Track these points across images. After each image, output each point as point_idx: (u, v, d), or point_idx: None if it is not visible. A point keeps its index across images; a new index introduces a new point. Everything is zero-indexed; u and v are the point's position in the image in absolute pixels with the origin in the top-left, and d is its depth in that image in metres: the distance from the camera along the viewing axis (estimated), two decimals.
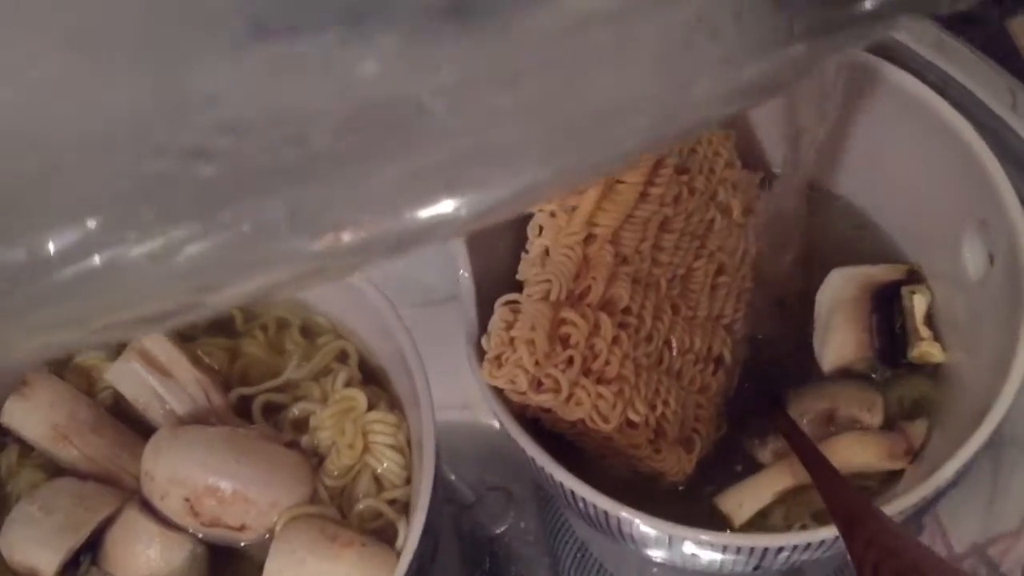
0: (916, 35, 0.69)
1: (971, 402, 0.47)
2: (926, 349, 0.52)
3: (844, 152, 0.56)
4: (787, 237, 0.53)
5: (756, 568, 0.48)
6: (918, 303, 0.53)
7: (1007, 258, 0.46)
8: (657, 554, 0.50)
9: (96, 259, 0.23)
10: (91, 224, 0.23)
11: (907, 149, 0.52)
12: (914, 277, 0.54)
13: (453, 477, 0.65)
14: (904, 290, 0.53)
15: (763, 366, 0.56)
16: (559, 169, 0.25)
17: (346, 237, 0.25)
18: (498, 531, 0.62)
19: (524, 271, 0.48)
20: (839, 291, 0.54)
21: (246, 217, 0.24)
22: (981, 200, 0.48)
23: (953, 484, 0.44)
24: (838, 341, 0.53)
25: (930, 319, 0.53)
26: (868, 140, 0.54)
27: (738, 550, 0.44)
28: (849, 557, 0.41)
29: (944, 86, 0.67)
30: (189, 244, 0.24)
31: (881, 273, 0.54)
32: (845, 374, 0.53)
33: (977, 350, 0.50)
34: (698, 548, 0.46)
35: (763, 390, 0.55)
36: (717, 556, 0.47)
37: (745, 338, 0.55)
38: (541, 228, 0.48)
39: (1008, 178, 0.64)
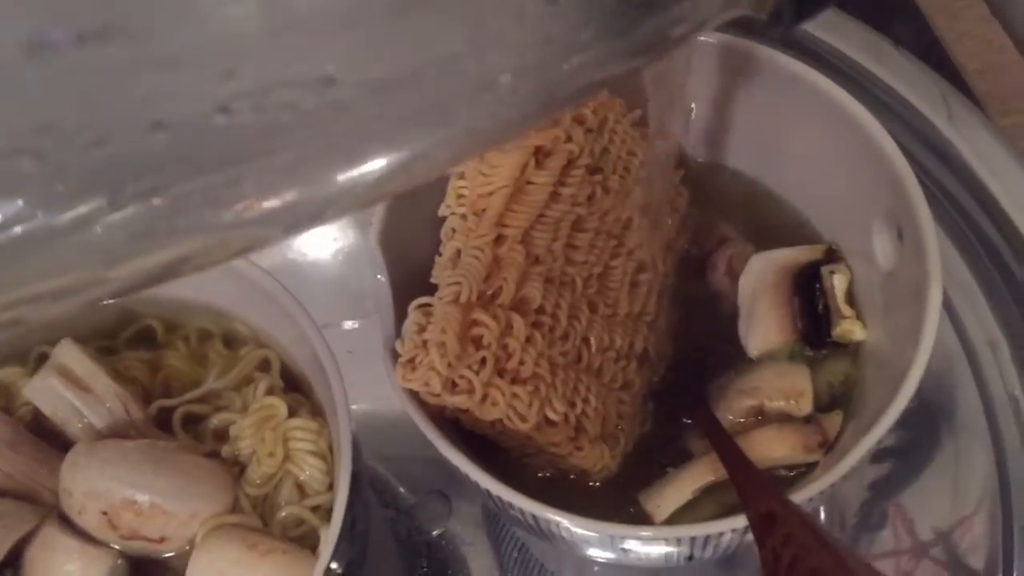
0: (853, 42, 0.71)
1: (885, 388, 0.47)
2: (848, 327, 0.52)
3: (761, 138, 0.56)
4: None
5: (689, 559, 0.48)
6: (839, 282, 0.53)
7: (912, 249, 0.47)
8: (587, 551, 0.50)
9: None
10: None
11: (818, 139, 0.53)
12: (832, 256, 0.54)
13: (395, 481, 0.65)
14: (824, 270, 0.53)
15: (691, 357, 0.56)
16: (445, 137, 0.25)
17: (256, 207, 0.25)
18: (435, 533, 0.62)
19: (437, 274, 0.48)
20: (760, 277, 0.54)
21: (154, 190, 0.23)
22: (887, 190, 0.49)
23: (856, 472, 0.44)
24: (763, 328, 0.53)
25: (851, 297, 0.53)
26: (781, 128, 0.55)
27: (655, 542, 0.44)
28: (758, 551, 0.41)
29: (880, 91, 0.69)
30: (94, 217, 0.23)
31: (800, 255, 0.54)
32: (773, 357, 0.54)
33: (890, 334, 0.50)
34: (621, 543, 0.46)
35: (690, 383, 0.55)
36: (644, 549, 0.47)
37: (669, 332, 0.56)
38: (453, 231, 0.48)
39: (938, 178, 0.66)
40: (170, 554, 0.49)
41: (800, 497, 0.42)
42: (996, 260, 0.64)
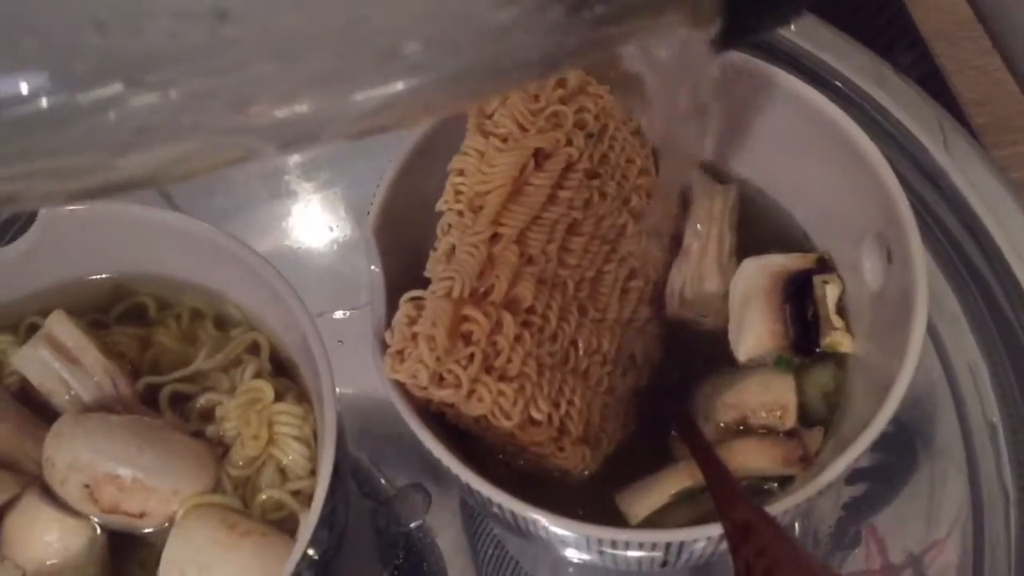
0: (855, 65, 0.72)
1: (867, 405, 0.48)
2: (837, 339, 0.52)
3: (764, 149, 0.57)
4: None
5: (663, 564, 0.49)
6: (830, 292, 0.53)
7: (900, 272, 0.48)
8: (563, 551, 0.50)
9: (13, 109, 0.24)
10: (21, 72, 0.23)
11: (817, 156, 0.53)
12: (824, 266, 0.55)
13: (375, 472, 0.65)
14: (816, 279, 0.54)
15: (678, 362, 0.56)
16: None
17: (269, 114, 0.25)
18: (413, 525, 0.62)
19: (431, 268, 0.49)
20: (752, 281, 0.54)
21: (172, 82, 0.24)
22: (881, 213, 0.50)
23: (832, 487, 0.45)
24: (753, 332, 0.54)
25: (841, 308, 0.54)
26: (784, 142, 0.55)
27: (629, 545, 0.45)
28: (732, 561, 0.41)
29: (879, 114, 0.70)
30: (111, 103, 0.24)
31: (792, 262, 0.55)
32: (759, 364, 0.54)
33: (876, 351, 0.51)
34: (596, 545, 0.46)
35: (676, 388, 0.55)
36: (619, 552, 0.47)
37: (657, 337, 0.56)
38: (449, 226, 0.49)
39: (930, 204, 0.67)
40: (149, 530, 0.49)
41: (777, 509, 0.43)
42: (981, 287, 0.65)
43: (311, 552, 0.46)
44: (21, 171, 0.26)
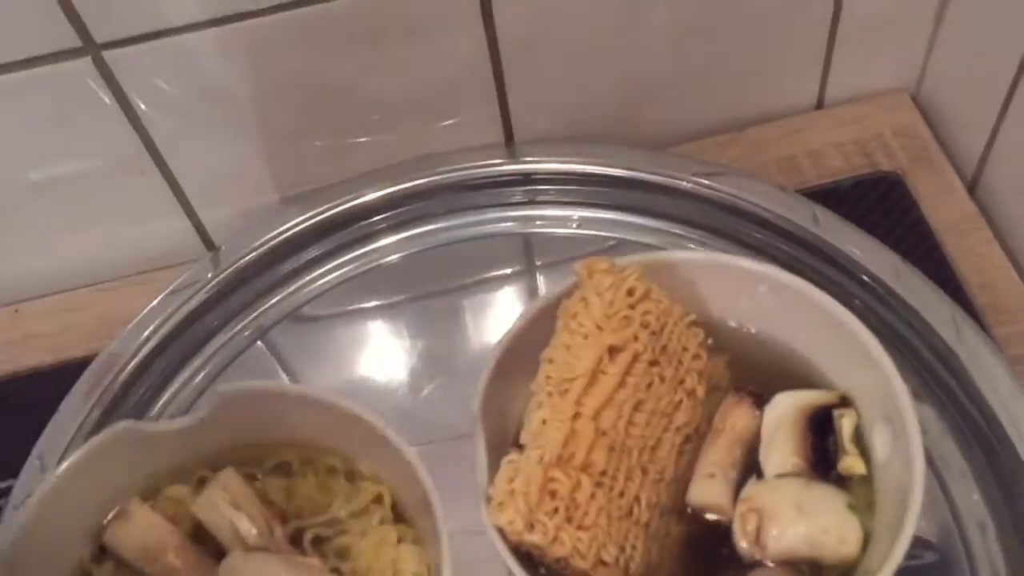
0: (877, 261, 0.83)
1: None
2: (851, 462, 0.63)
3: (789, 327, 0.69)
4: None
5: None
6: (846, 424, 0.64)
7: (902, 451, 0.60)
8: None
9: None
10: None
11: (836, 351, 0.66)
12: (845, 402, 0.66)
13: None
14: (835, 412, 0.65)
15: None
16: None
17: None
18: None
19: (525, 438, 0.61)
20: (782, 411, 0.66)
21: None
22: (890, 405, 0.62)
23: None
24: (780, 454, 0.64)
25: (858, 437, 0.64)
26: (815, 336, 0.68)
27: None
28: None
29: (899, 306, 0.82)
30: None
31: (817, 398, 0.66)
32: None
33: (887, 511, 0.62)
34: None
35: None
36: None
37: None
38: (540, 404, 0.62)
39: (947, 383, 0.78)
40: None
41: None
42: (987, 449, 0.76)
43: None
44: None
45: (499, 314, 0.89)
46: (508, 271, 0.92)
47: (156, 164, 0.89)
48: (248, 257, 0.91)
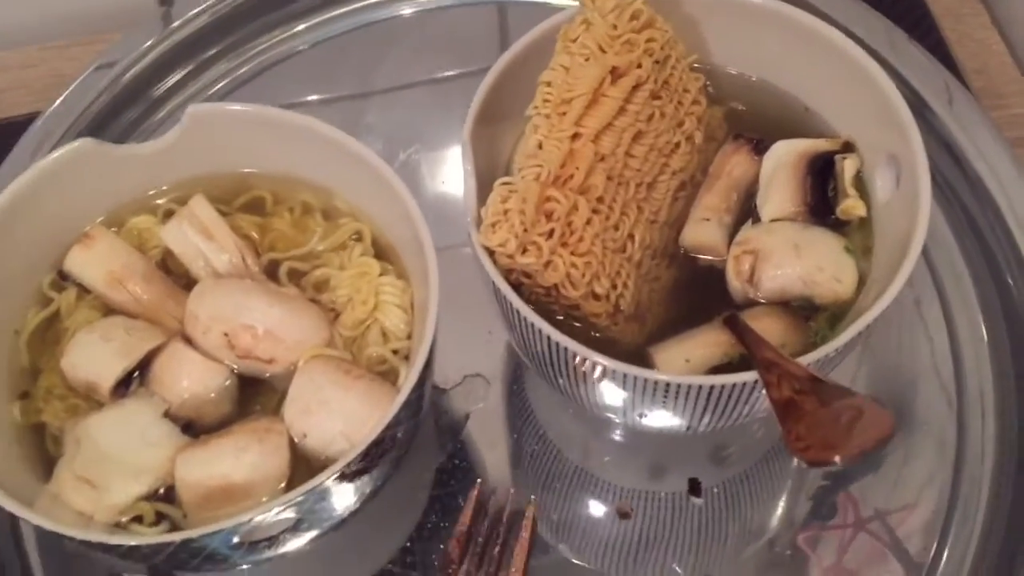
0: (871, 30, 0.80)
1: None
2: (851, 204, 0.61)
3: (796, 69, 0.66)
4: None
5: (687, 428, 0.59)
6: (848, 167, 0.62)
7: (906, 190, 0.58)
8: (603, 407, 0.60)
9: None
10: None
11: (845, 88, 0.64)
12: (848, 148, 0.64)
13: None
14: (837, 157, 0.63)
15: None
16: None
17: None
18: (473, 409, 0.71)
19: (519, 160, 0.58)
20: (782, 156, 0.63)
21: None
22: (892, 136, 0.60)
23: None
24: (777, 197, 0.62)
25: (859, 183, 0.62)
26: (815, 73, 0.65)
27: (669, 394, 0.54)
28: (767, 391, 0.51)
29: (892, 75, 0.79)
30: None
31: (818, 145, 0.64)
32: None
33: (882, 258, 0.60)
34: (638, 393, 0.55)
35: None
36: (653, 407, 0.57)
37: None
38: (536, 127, 0.58)
39: (933, 157, 0.76)
40: (273, 374, 0.59)
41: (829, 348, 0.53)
42: (976, 231, 0.75)
43: (413, 397, 0.55)
44: None
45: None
46: None
47: None
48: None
